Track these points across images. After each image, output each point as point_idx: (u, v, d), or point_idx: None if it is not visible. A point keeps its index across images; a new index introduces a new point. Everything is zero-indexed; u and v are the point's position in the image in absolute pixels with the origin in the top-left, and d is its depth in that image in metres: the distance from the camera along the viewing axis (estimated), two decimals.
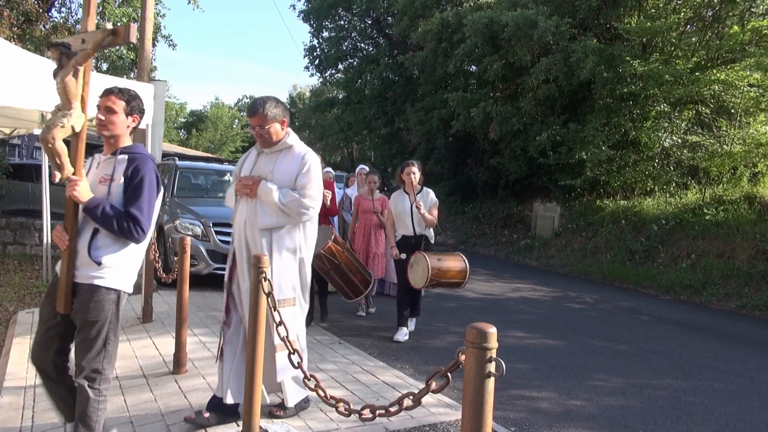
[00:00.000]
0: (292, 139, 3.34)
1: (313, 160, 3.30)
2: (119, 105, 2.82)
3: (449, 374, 1.71)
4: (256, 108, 3.19)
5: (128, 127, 2.87)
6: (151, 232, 2.81)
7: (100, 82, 5.32)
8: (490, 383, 1.59)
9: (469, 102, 15.94)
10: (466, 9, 17.53)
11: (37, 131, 7.98)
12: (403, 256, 5.73)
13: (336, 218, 7.41)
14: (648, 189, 13.85)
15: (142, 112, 2.91)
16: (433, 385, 1.78)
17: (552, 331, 6.69)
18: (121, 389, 3.89)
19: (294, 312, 3.28)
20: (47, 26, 13.26)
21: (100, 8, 15.56)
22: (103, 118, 2.84)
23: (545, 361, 5.38)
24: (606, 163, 13.09)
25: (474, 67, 18.04)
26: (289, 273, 3.24)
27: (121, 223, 2.63)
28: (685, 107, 13.75)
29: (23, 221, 10.65)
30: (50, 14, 14.78)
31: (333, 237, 5.34)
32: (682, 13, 13.22)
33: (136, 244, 2.74)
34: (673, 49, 13.41)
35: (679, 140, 13.22)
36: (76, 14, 16.25)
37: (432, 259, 5.28)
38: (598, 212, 13.68)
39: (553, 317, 7.52)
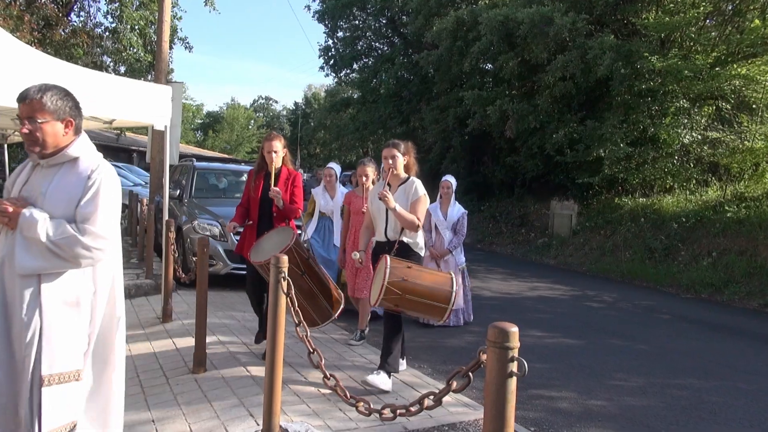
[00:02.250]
0: (80, 148, 2.37)
1: (104, 179, 2.32)
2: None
3: (470, 374, 1.70)
4: (28, 93, 2.29)
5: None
6: None
7: (118, 84, 5.39)
8: (512, 383, 1.58)
9: (485, 100, 15.86)
10: (481, 7, 17.45)
11: None
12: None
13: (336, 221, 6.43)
14: (667, 186, 13.67)
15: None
16: (454, 385, 1.77)
17: (571, 330, 6.64)
18: (142, 387, 3.94)
19: (76, 389, 2.26)
20: (67, 30, 13.44)
21: (118, 11, 15.77)
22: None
23: (564, 361, 5.34)
24: (624, 160, 12.95)
25: (489, 65, 17.95)
26: (65, 336, 2.23)
27: None
28: (705, 103, 13.54)
29: None
30: (69, 18, 15.00)
31: (293, 240, 3.96)
32: (702, 8, 13.03)
33: None
34: (692, 44, 13.22)
35: (699, 136, 13.04)
36: (95, 18, 16.48)
37: (398, 267, 3.70)
38: (616, 210, 13.54)
39: (571, 316, 7.45)
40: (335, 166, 6.75)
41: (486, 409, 1.61)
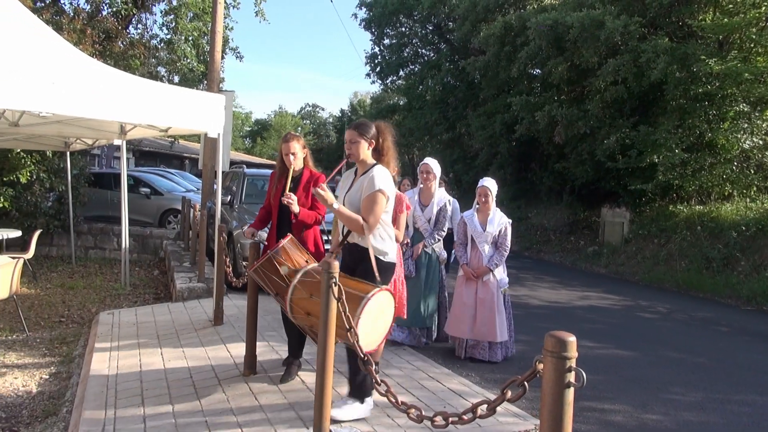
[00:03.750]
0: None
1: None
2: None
3: (526, 383, 1.67)
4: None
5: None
6: None
7: (174, 93, 5.57)
8: (570, 394, 1.55)
9: (533, 106, 15.66)
10: (529, 11, 17.26)
11: (117, 142, 8.43)
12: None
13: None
14: (726, 193, 13.14)
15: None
16: (509, 394, 1.74)
17: (623, 341, 6.45)
18: (195, 389, 4.03)
19: None
20: (125, 42, 13.99)
21: (173, 23, 16.31)
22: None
23: (617, 373, 5.18)
24: (680, 166, 12.52)
25: (538, 71, 17.72)
26: None
27: None
28: (767, 107, 12.97)
29: (103, 227, 11.26)
30: (128, 31, 15.60)
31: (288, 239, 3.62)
32: (763, 8, 12.48)
33: None
34: (752, 45, 12.69)
35: (761, 141, 12.49)
36: (151, 30, 17.08)
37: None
38: (671, 218, 13.10)
39: (624, 327, 7.24)
40: (432, 162, 5.52)
41: (542, 420, 1.58)
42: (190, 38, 16.47)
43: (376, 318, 3.00)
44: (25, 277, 7.80)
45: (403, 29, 26.45)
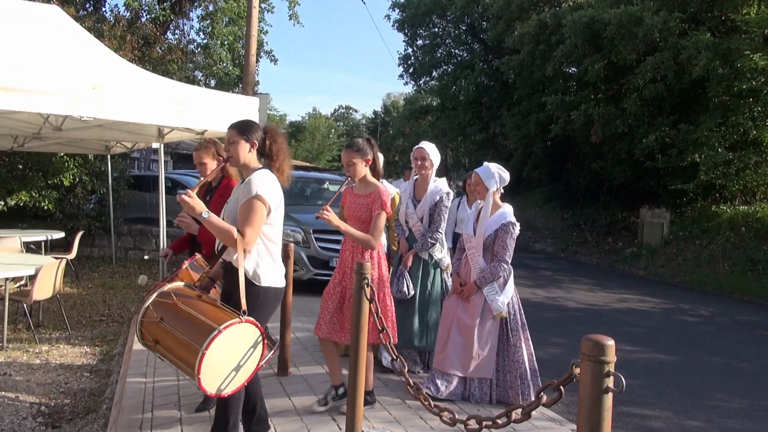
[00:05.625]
0: None
1: None
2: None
3: (562, 387, 1.63)
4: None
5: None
6: None
7: (210, 96, 5.66)
8: (608, 399, 1.50)
9: (569, 105, 15.40)
10: (565, 9, 16.98)
11: (155, 145, 8.61)
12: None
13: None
14: None
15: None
16: (544, 398, 1.70)
17: (663, 345, 6.27)
18: None
19: None
20: (163, 48, 14.31)
21: (209, 28, 16.62)
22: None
23: (657, 378, 5.04)
24: (722, 165, 12.13)
25: (573, 69, 17.43)
26: None
27: None
28: None
29: (142, 228, 11.51)
30: (166, 36, 15.97)
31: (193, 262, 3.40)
32: None
33: None
34: None
35: None
36: (188, 35, 17.45)
37: (166, 302, 2.67)
38: (713, 218, 12.71)
39: (664, 330, 7.04)
40: (428, 147, 4.44)
41: (579, 425, 1.54)
42: (226, 42, 16.77)
43: (232, 357, 2.48)
44: (67, 277, 8.03)
45: (436, 30, 26.36)
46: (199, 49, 17.05)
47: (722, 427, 3.98)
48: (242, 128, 2.87)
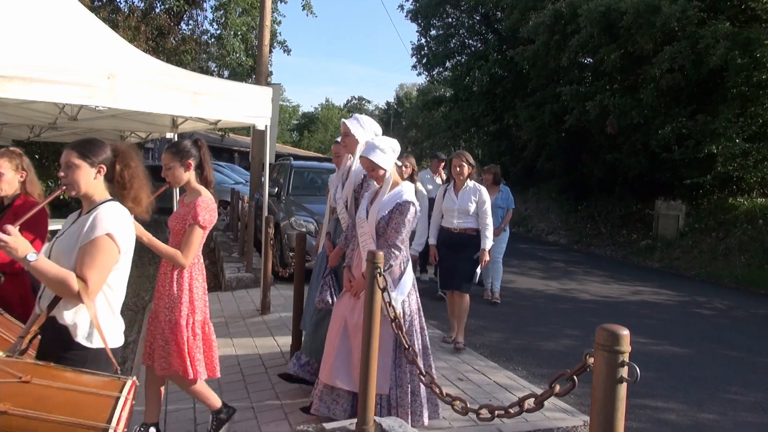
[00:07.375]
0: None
1: None
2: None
3: (575, 377, 1.62)
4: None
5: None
6: None
7: (223, 86, 5.67)
8: (622, 389, 1.49)
9: (584, 95, 15.22)
10: None
11: (169, 135, 8.66)
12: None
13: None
14: None
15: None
16: (557, 388, 1.69)
17: (678, 337, 6.22)
18: (243, 377, 4.11)
19: None
20: (177, 38, 14.36)
21: (223, 18, 16.64)
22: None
23: (671, 370, 5.01)
24: (740, 157, 11.94)
25: (589, 59, 17.21)
26: None
27: None
28: None
29: (156, 218, 11.61)
30: (180, 27, 16.02)
31: None
32: None
33: None
34: None
35: None
36: (202, 26, 17.50)
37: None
38: (730, 211, 12.54)
39: (679, 323, 6.98)
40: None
41: (592, 415, 1.53)
42: (239, 33, 16.79)
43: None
44: None
45: (450, 20, 26.13)
46: (212, 40, 17.08)
47: (737, 420, 3.94)
48: (83, 149, 2.25)
